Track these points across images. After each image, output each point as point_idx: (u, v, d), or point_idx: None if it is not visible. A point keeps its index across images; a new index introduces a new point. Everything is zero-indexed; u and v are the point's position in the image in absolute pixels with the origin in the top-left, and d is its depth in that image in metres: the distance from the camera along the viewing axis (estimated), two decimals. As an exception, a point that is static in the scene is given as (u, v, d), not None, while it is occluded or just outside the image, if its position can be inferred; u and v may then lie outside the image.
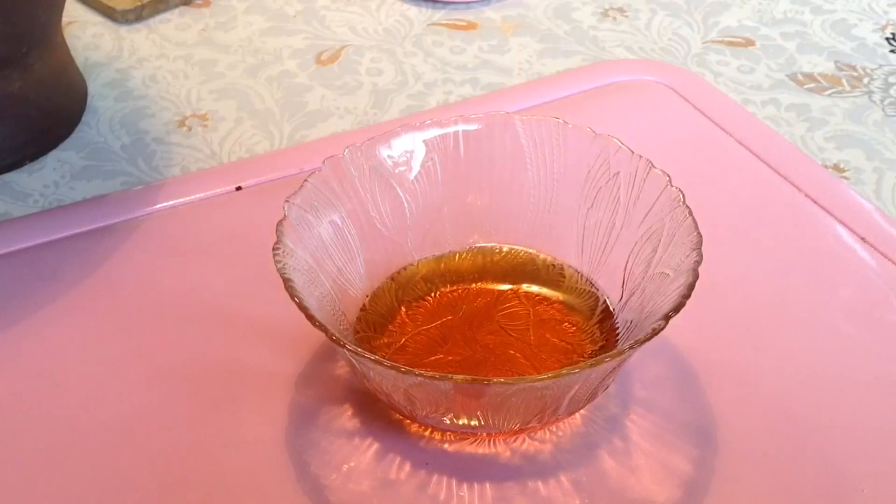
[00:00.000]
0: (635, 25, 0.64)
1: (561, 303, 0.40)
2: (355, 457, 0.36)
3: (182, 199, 0.48)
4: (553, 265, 0.41)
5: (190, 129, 0.54)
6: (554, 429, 0.36)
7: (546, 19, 0.64)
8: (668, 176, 0.38)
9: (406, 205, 0.41)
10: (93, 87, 0.58)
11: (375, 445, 0.36)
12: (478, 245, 0.42)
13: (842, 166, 0.51)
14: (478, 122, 0.41)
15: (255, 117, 0.55)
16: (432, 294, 0.40)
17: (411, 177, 0.41)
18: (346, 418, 0.37)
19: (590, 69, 0.57)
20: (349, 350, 0.32)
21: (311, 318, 0.32)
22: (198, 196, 0.48)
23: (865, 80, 0.58)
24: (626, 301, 0.38)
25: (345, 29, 0.63)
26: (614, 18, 0.64)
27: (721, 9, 0.66)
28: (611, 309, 0.39)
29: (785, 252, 0.45)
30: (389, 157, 0.40)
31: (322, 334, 0.32)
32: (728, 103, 0.55)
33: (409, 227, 0.41)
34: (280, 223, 0.35)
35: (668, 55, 0.61)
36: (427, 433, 0.36)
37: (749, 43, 0.62)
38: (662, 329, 0.32)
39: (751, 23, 0.64)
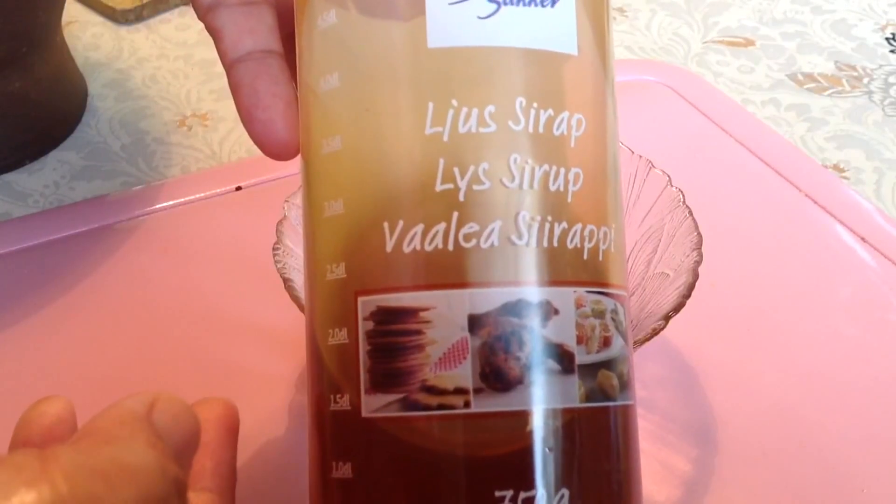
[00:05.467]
0: (635, 25, 0.64)
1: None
2: (355, 457, 0.36)
3: (182, 199, 0.48)
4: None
5: (190, 129, 0.54)
6: (554, 429, 0.36)
7: (546, 19, 0.64)
8: (668, 176, 0.38)
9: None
10: (93, 87, 0.58)
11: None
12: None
13: (842, 166, 0.51)
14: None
15: (255, 117, 0.55)
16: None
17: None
18: (346, 418, 0.37)
19: (590, 69, 0.57)
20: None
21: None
22: (198, 196, 0.48)
23: (865, 80, 0.58)
24: (626, 301, 0.38)
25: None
26: (614, 18, 0.64)
27: (721, 9, 0.66)
28: (611, 309, 0.39)
29: (785, 252, 0.45)
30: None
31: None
32: (728, 103, 0.55)
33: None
34: (280, 223, 0.35)
35: (668, 55, 0.61)
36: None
37: (749, 43, 0.62)
38: (662, 329, 0.32)
39: (751, 23, 0.64)
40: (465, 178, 0.23)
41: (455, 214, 0.23)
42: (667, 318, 0.32)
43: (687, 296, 0.33)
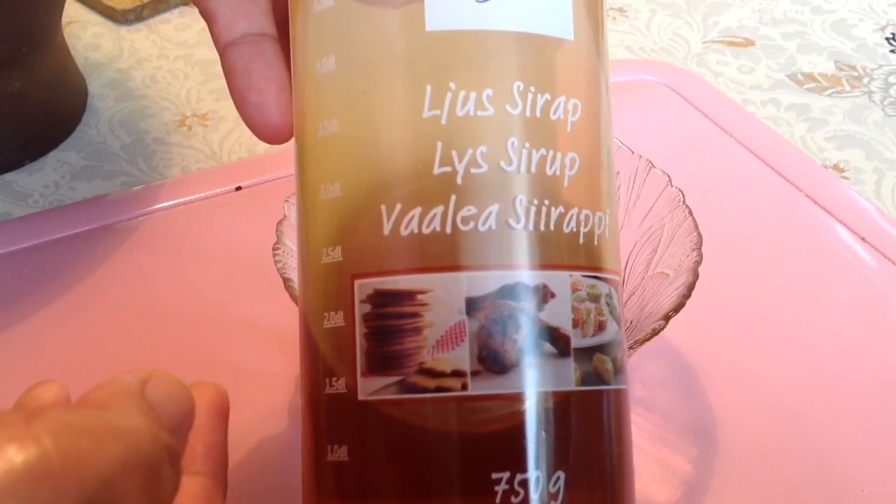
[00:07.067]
0: (635, 25, 0.64)
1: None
2: (355, 457, 0.36)
3: (182, 199, 0.48)
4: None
5: (190, 129, 0.54)
6: (554, 429, 0.36)
7: (546, 19, 0.64)
8: (668, 176, 0.38)
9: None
10: (93, 87, 0.58)
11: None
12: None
13: (842, 166, 0.51)
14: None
15: (255, 117, 0.55)
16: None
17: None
18: (346, 418, 0.37)
19: (590, 69, 0.57)
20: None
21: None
22: (198, 196, 0.48)
23: (865, 80, 0.58)
24: (626, 301, 0.38)
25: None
26: (614, 18, 0.64)
27: (721, 9, 0.66)
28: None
29: (785, 252, 0.45)
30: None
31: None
32: (728, 103, 0.55)
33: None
34: (280, 223, 0.35)
35: (668, 55, 0.61)
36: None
37: (749, 43, 0.62)
38: (662, 329, 0.32)
39: (751, 23, 0.64)
40: (462, 161, 0.23)
41: (453, 197, 0.23)
42: (667, 318, 0.32)
43: (687, 296, 0.33)
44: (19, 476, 0.16)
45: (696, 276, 0.33)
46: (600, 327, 0.24)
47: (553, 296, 0.23)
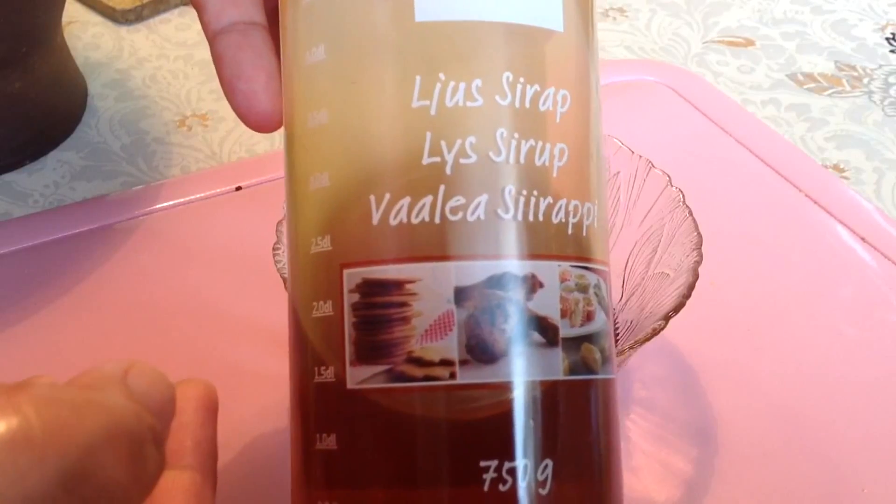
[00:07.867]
0: (635, 25, 0.64)
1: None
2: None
3: (182, 199, 0.48)
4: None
5: (190, 129, 0.54)
6: (554, 429, 0.36)
7: (546, 19, 0.64)
8: (668, 176, 0.38)
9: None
10: (93, 87, 0.58)
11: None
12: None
13: (842, 166, 0.51)
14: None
15: (255, 117, 0.55)
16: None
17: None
18: (346, 418, 0.37)
19: (590, 69, 0.57)
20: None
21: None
22: (198, 196, 0.48)
23: (865, 80, 0.58)
24: (626, 301, 0.38)
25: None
26: (614, 18, 0.65)
27: (721, 9, 0.66)
28: (611, 309, 0.39)
29: (785, 252, 0.45)
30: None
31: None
32: (728, 103, 0.55)
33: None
34: (280, 223, 0.35)
35: (668, 55, 0.61)
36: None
37: (749, 43, 0.62)
38: (662, 329, 0.32)
39: (751, 23, 0.64)
40: (451, 151, 0.23)
41: (442, 188, 0.23)
42: (667, 318, 0.32)
43: (687, 296, 0.33)
44: (0, 443, 0.16)
45: (696, 276, 0.33)
46: (589, 317, 0.24)
47: (541, 286, 0.23)
